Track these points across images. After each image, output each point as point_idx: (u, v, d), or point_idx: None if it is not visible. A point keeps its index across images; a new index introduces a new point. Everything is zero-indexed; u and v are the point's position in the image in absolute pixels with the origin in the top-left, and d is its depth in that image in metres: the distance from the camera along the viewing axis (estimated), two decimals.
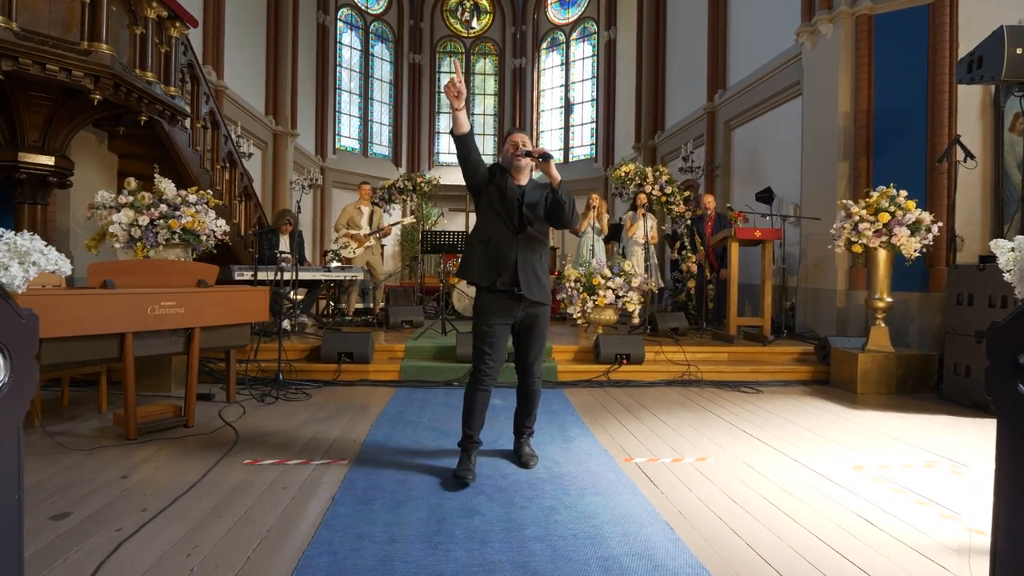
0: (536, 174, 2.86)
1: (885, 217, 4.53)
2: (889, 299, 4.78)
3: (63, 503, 2.20)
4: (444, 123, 18.44)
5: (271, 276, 5.40)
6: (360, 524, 2.06)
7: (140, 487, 2.38)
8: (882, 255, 4.71)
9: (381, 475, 2.57)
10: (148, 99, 4.57)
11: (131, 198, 3.89)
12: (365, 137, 16.95)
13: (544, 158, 2.48)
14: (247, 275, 5.10)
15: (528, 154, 2.54)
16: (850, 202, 4.82)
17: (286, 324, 5.53)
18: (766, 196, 7.50)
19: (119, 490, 2.35)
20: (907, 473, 2.76)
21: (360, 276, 6.14)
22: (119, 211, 3.84)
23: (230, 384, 3.79)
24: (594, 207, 7.20)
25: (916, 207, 4.57)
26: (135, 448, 2.86)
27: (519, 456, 2.78)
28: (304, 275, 5.52)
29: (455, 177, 17.52)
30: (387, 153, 17.50)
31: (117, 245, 3.84)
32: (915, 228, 4.55)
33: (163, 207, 3.92)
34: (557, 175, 2.52)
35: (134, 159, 5.63)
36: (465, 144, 2.46)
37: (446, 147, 18.39)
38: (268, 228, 5.94)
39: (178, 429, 3.17)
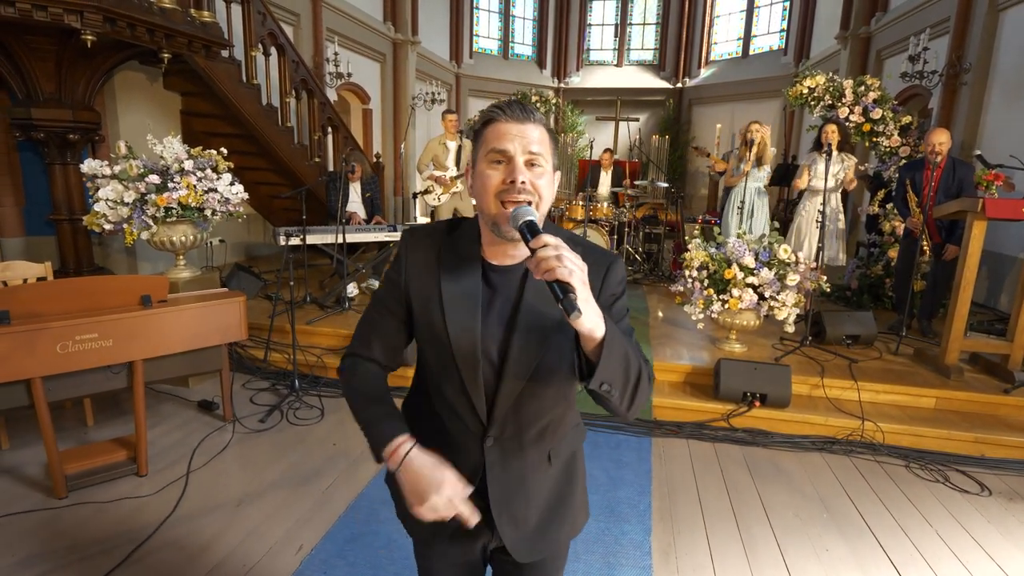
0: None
1: None
2: None
3: None
4: (596, 12, 15.85)
5: (326, 240, 4.67)
6: None
7: None
8: None
9: None
10: (164, 31, 3.78)
11: (118, 167, 3.22)
12: (506, 36, 15.20)
13: (561, 296, 0.79)
14: (295, 239, 4.39)
15: (528, 229, 0.86)
16: None
17: (351, 289, 4.85)
18: None
19: None
20: None
21: None
22: (108, 184, 3.21)
23: (225, 402, 3.16)
24: (753, 140, 5.12)
25: None
26: (48, 521, 2.32)
27: None
28: (353, 237, 4.66)
29: (602, 78, 15.23)
30: (530, 53, 15.64)
31: (107, 226, 3.26)
32: None
33: (152, 177, 3.20)
34: (595, 322, 0.83)
35: (195, 97, 5.08)
36: None
37: (598, 42, 15.90)
38: (334, 175, 5.13)
39: (126, 479, 2.61)
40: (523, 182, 0.92)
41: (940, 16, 6.64)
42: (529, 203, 0.92)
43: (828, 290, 4.09)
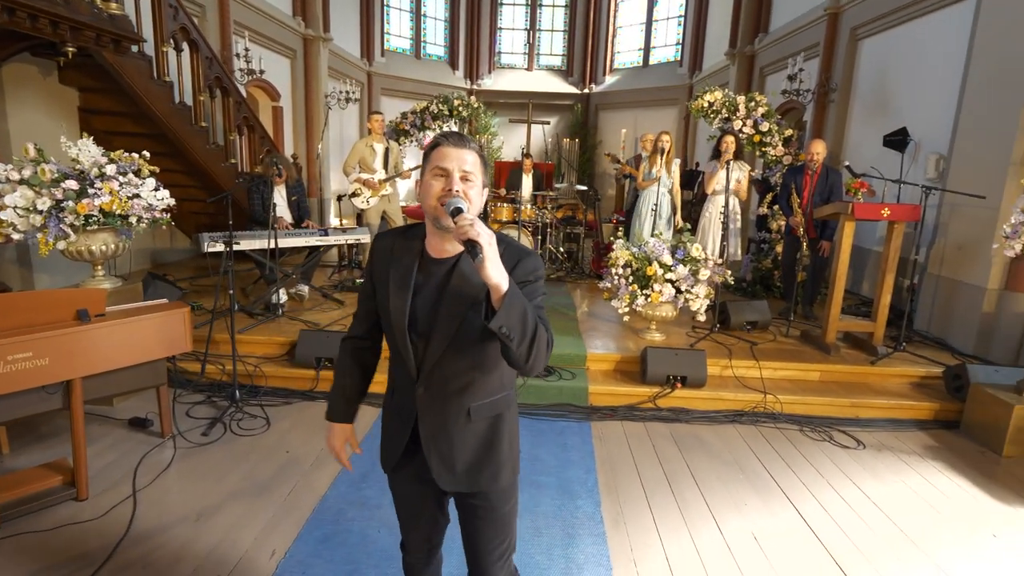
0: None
1: None
2: None
3: None
4: (507, 16, 16.18)
5: (255, 245, 4.54)
6: None
7: None
8: None
9: None
10: (70, 24, 3.52)
11: (28, 172, 2.98)
12: (417, 36, 15.11)
13: (471, 249, 1.09)
14: (219, 245, 4.23)
15: (457, 212, 1.15)
16: None
17: (282, 295, 4.74)
18: (898, 140, 5.61)
19: None
20: None
21: (365, 238, 5.15)
22: (15, 190, 2.96)
23: (164, 417, 3.04)
24: (664, 148, 5.63)
25: None
26: None
27: None
28: (285, 243, 4.58)
29: (513, 80, 15.59)
30: (443, 54, 15.66)
31: (15, 236, 3.00)
32: None
33: (70, 183, 3.00)
34: (499, 278, 1.10)
35: (97, 94, 4.71)
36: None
37: (508, 45, 16.25)
38: (257, 178, 4.97)
39: (64, 505, 2.47)
40: (457, 191, 1.23)
41: (812, 41, 7.61)
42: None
43: (732, 283, 4.62)
